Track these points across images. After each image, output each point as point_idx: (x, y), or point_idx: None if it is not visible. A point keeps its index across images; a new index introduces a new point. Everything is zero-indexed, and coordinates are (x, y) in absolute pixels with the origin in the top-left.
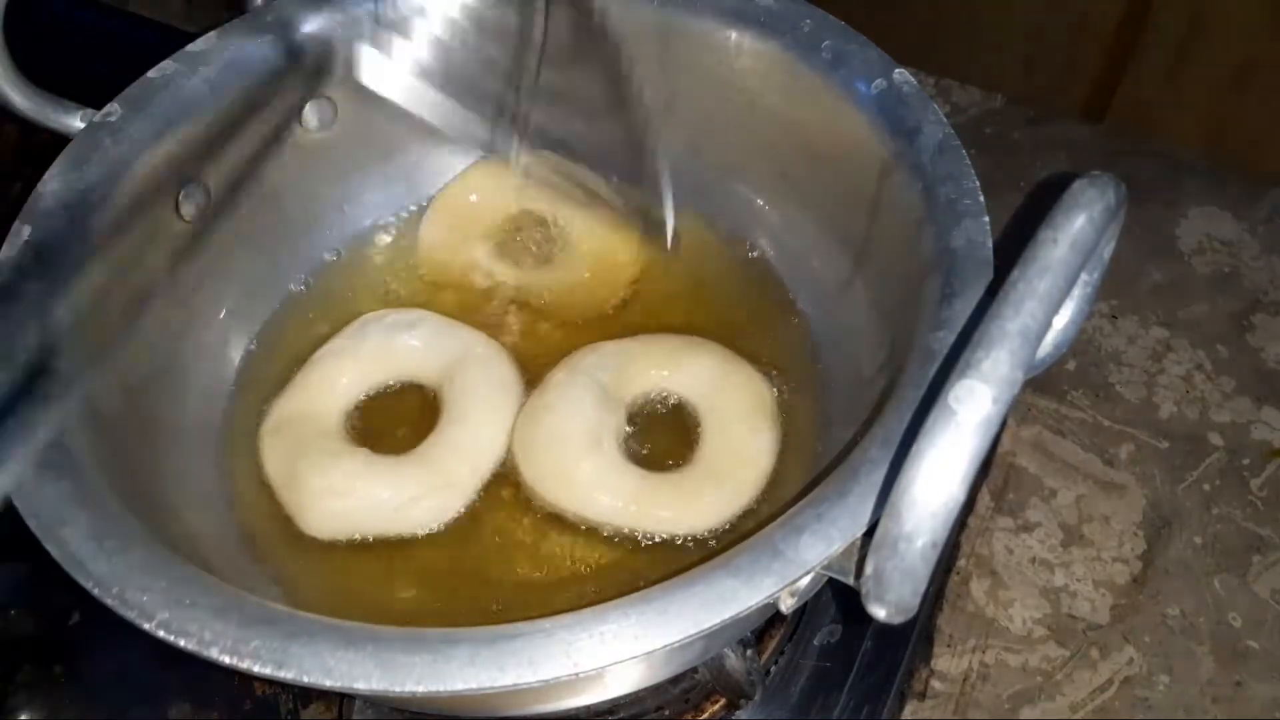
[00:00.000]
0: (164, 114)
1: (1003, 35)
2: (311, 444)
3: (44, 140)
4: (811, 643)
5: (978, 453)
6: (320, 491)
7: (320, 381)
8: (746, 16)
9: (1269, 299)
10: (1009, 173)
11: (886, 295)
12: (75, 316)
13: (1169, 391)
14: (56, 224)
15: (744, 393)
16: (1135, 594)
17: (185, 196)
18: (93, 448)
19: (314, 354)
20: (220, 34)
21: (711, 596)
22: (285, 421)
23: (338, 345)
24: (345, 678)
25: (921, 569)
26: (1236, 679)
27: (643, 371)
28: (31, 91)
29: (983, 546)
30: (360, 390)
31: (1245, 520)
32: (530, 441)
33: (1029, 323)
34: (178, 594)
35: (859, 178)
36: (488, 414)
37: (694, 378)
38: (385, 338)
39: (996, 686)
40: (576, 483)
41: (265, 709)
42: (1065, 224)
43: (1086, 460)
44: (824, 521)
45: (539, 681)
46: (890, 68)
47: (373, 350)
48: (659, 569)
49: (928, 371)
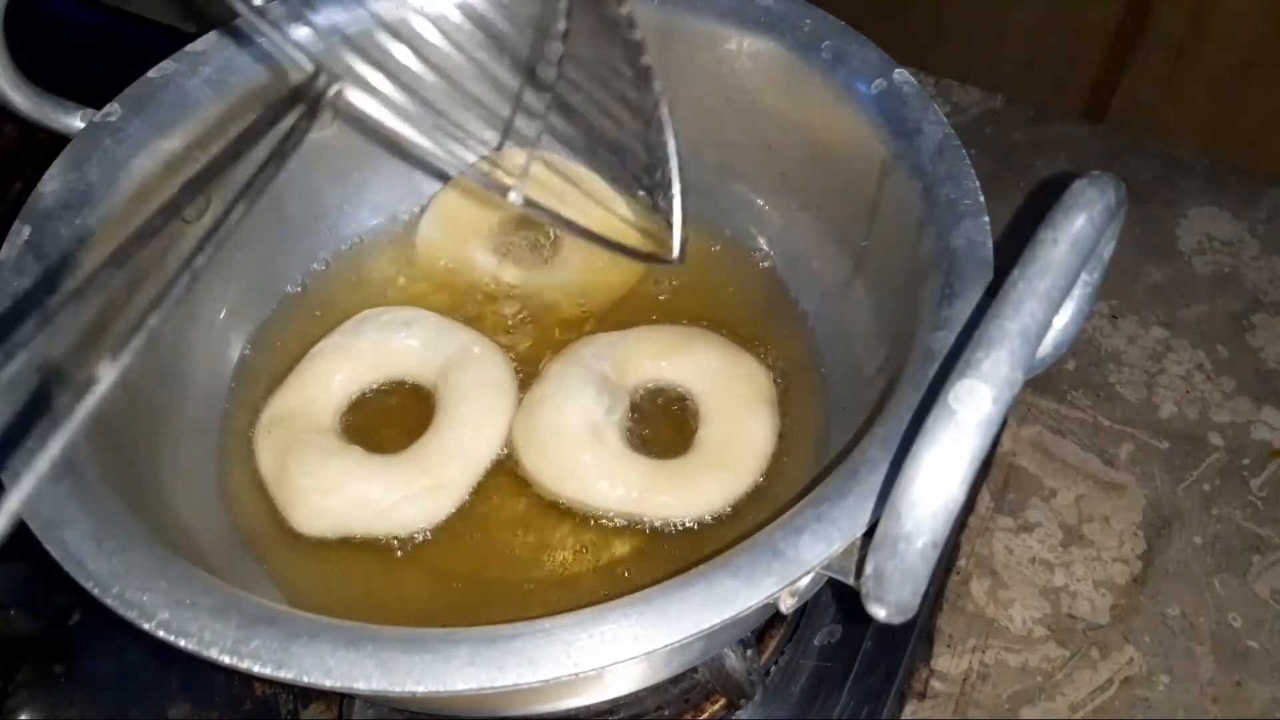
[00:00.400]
0: (164, 114)
1: (1003, 35)
2: (304, 441)
3: (44, 140)
4: (811, 643)
5: (978, 453)
6: (310, 489)
7: (315, 378)
8: (746, 16)
9: (1269, 299)
10: (1009, 173)
11: (886, 295)
12: (75, 317)
13: (1169, 391)
14: (56, 224)
15: (742, 380)
16: (1135, 594)
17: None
18: (92, 447)
19: (310, 350)
20: (220, 34)
21: (711, 596)
22: (279, 418)
23: (333, 342)
24: (345, 678)
25: (921, 569)
26: (1236, 679)
27: (641, 361)
28: (31, 91)
29: (983, 546)
30: (355, 388)
31: (1245, 520)
32: (531, 433)
33: (1029, 323)
34: (178, 594)
35: (859, 178)
36: (482, 415)
37: (693, 366)
38: (381, 336)
39: (996, 686)
40: (579, 473)
41: (265, 709)
42: (1065, 224)
43: (1086, 460)
44: (824, 521)
45: (539, 681)
46: (890, 68)
47: (368, 348)
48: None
49: (928, 371)
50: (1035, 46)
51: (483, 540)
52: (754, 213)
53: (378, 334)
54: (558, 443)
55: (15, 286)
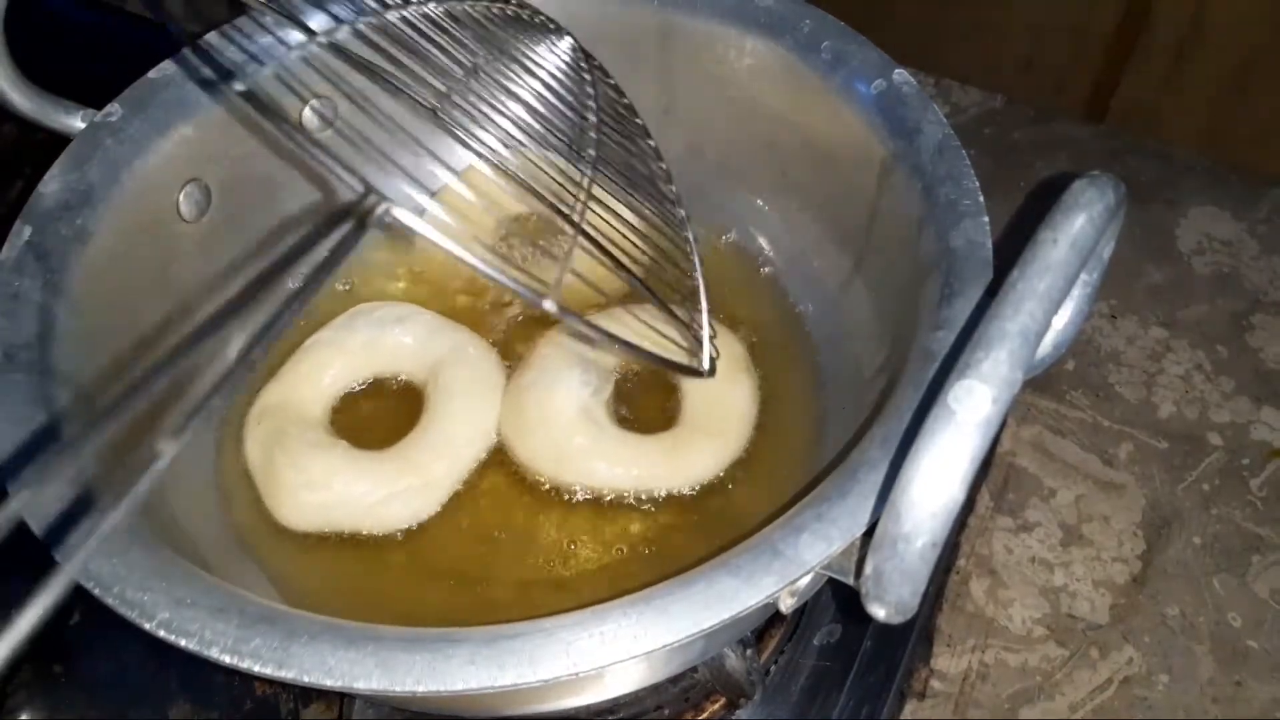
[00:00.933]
0: (164, 114)
1: (1003, 35)
2: (292, 434)
3: (44, 140)
4: (811, 643)
5: (977, 453)
6: (296, 483)
7: (306, 371)
8: (746, 17)
9: (1269, 299)
10: (1009, 173)
11: (886, 295)
12: (76, 317)
13: (1168, 391)
14: (56, 224)
15: (724, 391)
16: (1135, 594)
17: (185, 196)
18: (92, 448)
19: (303, 343)
20: (220, 34)
21: (711, 596)
22: (269, 409)
23: (326, 335)
24: (346, 677)
25: (921, 569)
26: (1236, 679)
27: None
28: (31, 91)
29: (982, 546)
30: (345, 382)
31: (1245, 520)
32: (521, 420)
33: (1029, 323)
34: (178, 594)
35: (859, 178)
36: (471, 415)
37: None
38: (375, 331)
39: (996, 686)
40: (576, 456)
41: (265, 709)
42: (1065, 224)
43: (1086, 460)
44: (824, 521)
45: (539, 681)
46: (890, 68)
47: (361, 343)
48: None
49: (928, 371)
50: (1035, 46)
51: (472, 535)
52: (753, 212)
53: (371, 329)
54: (548, 428)
55: (15, 286)
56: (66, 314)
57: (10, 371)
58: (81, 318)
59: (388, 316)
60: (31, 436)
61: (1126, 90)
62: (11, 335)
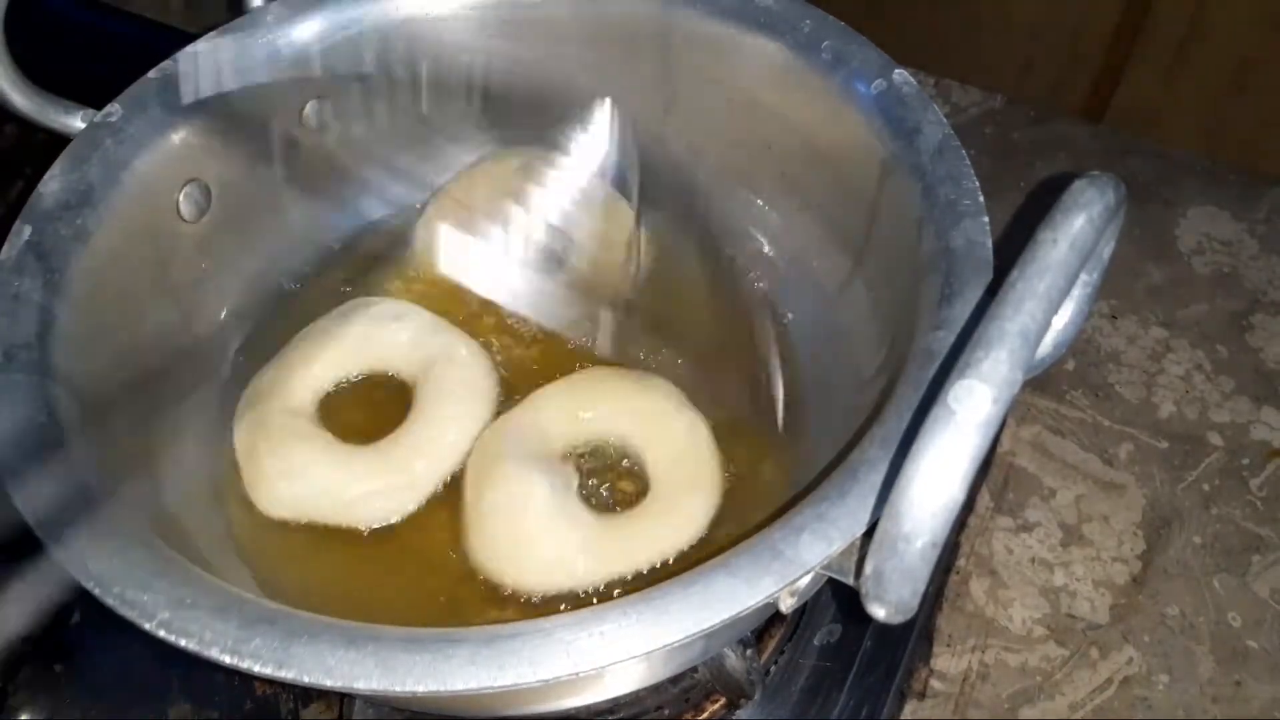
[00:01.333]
0: (164, 114)
1: (1003, 35)
2: (276, 421)
3: (44, 140)
4: (811, 642)
5: (977, 453)
6: (275, 471)
7: (298, 360)
8: (746, 17)
9: (1268, 299)
10: (1009, 173)
11: (886, 295)
12: (76, 317)
13: (1168, 391)
14: (56, 224)
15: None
16: (1135, 594)
17: (185, 196)
18: (92, 447)
19: (298, 333)
20: (220, 34)
21: (711, 596)
22: (259, 394)
23: (321, 326)
24: (346, 678)
25: (921, 569)
26: (1236, 679)
27: (561, 426)
28: (31, 91)
29: (982, 546)
30: (336, 374)
31: (1245, 520)
32: (498, 548)
33: (1029, 323)
34: (178, 594)
35: (859, 178)
36: (458, 418)
37: (606, 413)
38: (370, 326)
39: (996, 686)
40: (564, 562)
41: (265, 709)
42: (1065, 224)
43: (1086, 460)
44: (824, 521)
45: (539, 681)
46: (890, 68)
47: (355, 336)
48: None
49: (927, 372)
50: (1035, 46)
51: (449, 535)
52: (753, 212)
53: (366, 324)
54: (533, 546)
55: (15, 286)
56: (66, 314)
57: (10, 371)
58: (81, 318)
59: (385, 312)
60: (31, 437)
61: (1126, 90)
62: (11, 335)
